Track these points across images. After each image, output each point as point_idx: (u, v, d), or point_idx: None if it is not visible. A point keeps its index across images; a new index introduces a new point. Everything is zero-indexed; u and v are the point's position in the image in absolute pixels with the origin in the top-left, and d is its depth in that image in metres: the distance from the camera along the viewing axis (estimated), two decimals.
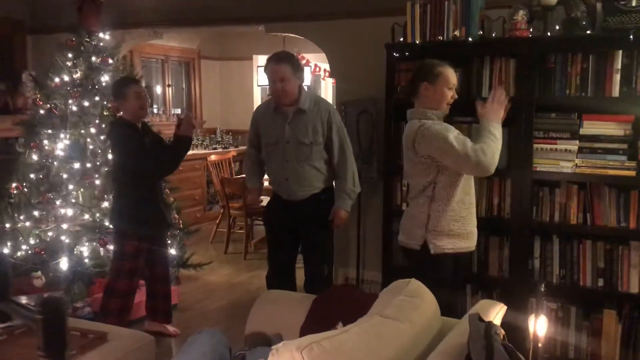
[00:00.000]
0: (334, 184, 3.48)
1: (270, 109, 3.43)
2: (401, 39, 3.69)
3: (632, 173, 3.12)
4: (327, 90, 9.93)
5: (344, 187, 3.40)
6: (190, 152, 7.37)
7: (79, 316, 3.80)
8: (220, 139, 8.11)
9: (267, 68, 3.31)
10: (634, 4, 3.06)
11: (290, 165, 3.37)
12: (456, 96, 2.87)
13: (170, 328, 3.96)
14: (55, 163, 4.33)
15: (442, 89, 2.80)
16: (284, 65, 3.25)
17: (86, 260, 4.21)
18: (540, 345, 1.98)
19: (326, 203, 3.43)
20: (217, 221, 6.51)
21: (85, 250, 4.23)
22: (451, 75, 2.83)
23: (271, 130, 3.41)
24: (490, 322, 1.75)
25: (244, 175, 4.16)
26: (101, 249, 4.22)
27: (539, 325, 2.00)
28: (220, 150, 7.67)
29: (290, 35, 5.06)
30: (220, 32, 7.54)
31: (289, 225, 3.49)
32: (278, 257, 3.59)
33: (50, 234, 4.29)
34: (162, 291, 3.95)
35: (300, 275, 3.59)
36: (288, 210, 3.46)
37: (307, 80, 7.85)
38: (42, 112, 4.39)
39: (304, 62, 8.14)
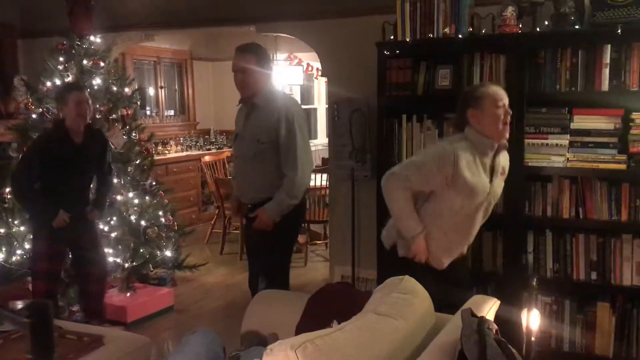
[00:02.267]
0: None
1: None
2: (392, 37, 3.70)
3: (623, 166, 3.15)
4: (320, 90, 9.96)
5: (280, 193, 3.11)
6: (184, 154, 7.44)
7: (75, 320, 3.80)
8: (214, 140, 8.11)
9: (233, 58, 3.21)
10: None
11: (239, 162, 3.28)
12: (510, 112, 2.66)
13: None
14: None
15: (491, 109, 2.62)
16: (247, 55, 3.15)
17: None
18: (533, 339, 1.99)
19: None
20: (212, 222, 6.52)
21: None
22: (497, 93, 2.65)
23: (237, 124, 3.34)
24: (482, 317, 1.77)
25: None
26: None
27: (531, 319, 2.01)
28: (214, 150, 7.68)
29: (282, 35, 5.06)
30: (212, 33, 7.53)
31: (247, 229, 3.42)
32: (249, 261, 3.52)
33: None
34: (94, 291, 3.82)
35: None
36: (247, 213, 3.33)
37: (300, 79, 7.86)
38: (34, 116, 4.38)
39: (296, 61, 8.15)
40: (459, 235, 2.80)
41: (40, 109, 4.36)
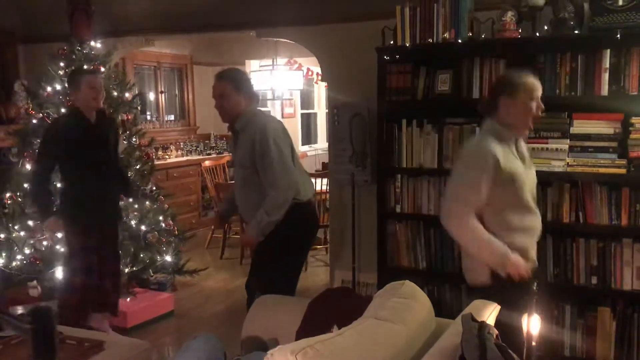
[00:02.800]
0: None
1: None
2: (391, 42, 3.71)
3: (623, 171, 3.15)
4: (320, 94, 9.97)
5: (260, 211, 3.08)
6: (184, 159, 7.45)
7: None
8: (214, 145, 8.12)
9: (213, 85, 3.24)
10: (620, 3, 3.09)
11: (235, 188, 3.33)
12: (542, 106, 2.57)
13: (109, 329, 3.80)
14: None
15: (524, 101, 2.52)
16: (223, 82, 3.17)
17: None
18: (534, 344, 1.99)
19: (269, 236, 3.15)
20: (212, 227, 6.51)
21: None
22: (534, 85, 2.55)
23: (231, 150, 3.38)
24: (483, 322, 1.77)
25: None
26: None
27: (532, 324, 2.01)
28: (214, 155, 7.68)
29: (282, 39, 5.07)
30: (212, 38, 7.56)
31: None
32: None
33: (45, 243, 4.28)
34: (112, 284, 3.85)
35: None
36: None
37: (300, 84, 7.87)
38: (34, 121, 4.39)
39: (296, 66, 8.17)
40: (529, 232, 2.64)
41: (41, 114, 4.37)
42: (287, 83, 7.63)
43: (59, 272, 4.13)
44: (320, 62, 4.66)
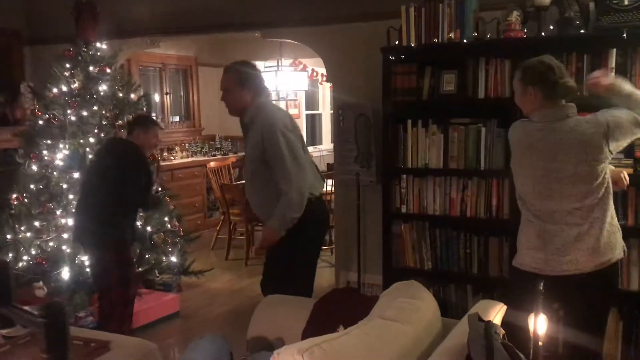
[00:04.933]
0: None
1: None
2: (397, 42, 3.71)
3: (629, 170, 3.13)
4: (325, 95, 9.98)
5: (279, 208, 3.04)
6: (189, 160, 7.46)
7: (81, 325, 3.80)
8: (219, 146, 8.13)
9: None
10: (626, 2, 3.08)
11: (245, 183, 3.34)
12: None
13: None
14: (55, 173, 4.34)
15: None
16: (227, 75, 3.17)
17: (87, 270, 4.21)
18: (540, 344, 1.98)
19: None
20: (218, 228, 6.52)
21: (86, 259, 4.24)
22: None
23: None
24: (489, 322, 1.76)
25: (244, 182, 4.00)
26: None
27: (538, 324, 2.00)
28: (219, 156, 7.69)
29: (287, 40, 5.08)
30: (217, 39, 7.56)
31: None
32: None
33: (51, 244, 4.29)
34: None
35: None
36: None
37: (305, 84, 7.88)
38: (40, 122, 4.41)
39: (301, 67, 8.17)
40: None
41: (47, 115, 4.39)
42: (292, 84, 7.63)
43: (65, 273, 4.14)
44: (325, 62, 4.66)
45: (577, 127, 2.46)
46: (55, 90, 4.42)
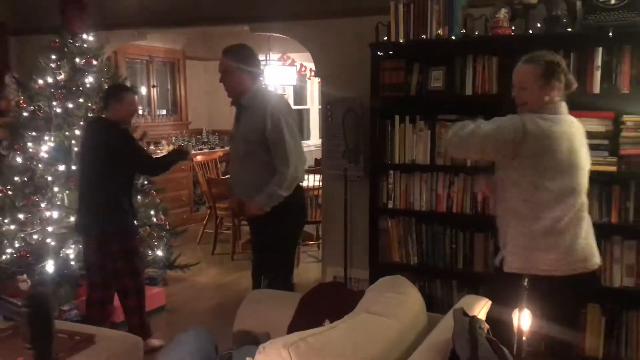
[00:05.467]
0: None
1: None
2: (385, 38, 3.71)
3: (613, 168, 3.17)
4: (313, 90, 9.96)
5: (271, 184, 3.16)
6: None
7: (66, 319, 3.78)
8: (206, 140, 8.09)
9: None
10: (612, 1, 3.11)
11: (233, 162, 3.40)
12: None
13: (155, 341, 3.77)
14: (40, 165, 4.30)
15: None
16: (226, 57, 3.24)
17: (72, 263, 4.18)
18: (524, 338, 2.00)
19: (273, 210, 3.21)
20: (204, 222, 6.50)
21: (71, 252, 4.21)
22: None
23: (233, 124, 3.43)
24: (474, 317, 1.78)
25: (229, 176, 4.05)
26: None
27: (522, 319, 2.02)
28: (206, 150, 7.66)
29: (275, 35, 5.06)
30: (205, 33, 7.53)
31: (251, 227, 3.52)
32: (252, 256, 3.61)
33: (35, 237, 4.25)
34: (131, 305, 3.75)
35: None
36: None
37: (293, 79, 7.86)
38: (25, 114, 4.36)
39: (289, 61, 8.15)
40: None
41: (32, 107, 4.34)
42: (280, 78, 7.61)
43: (49, 266, 4.11)
44: (313, 57, 4.65)
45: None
46: (40, 81, 4.37)
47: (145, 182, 4.61)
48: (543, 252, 2.48)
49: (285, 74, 7.66)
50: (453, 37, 3.51)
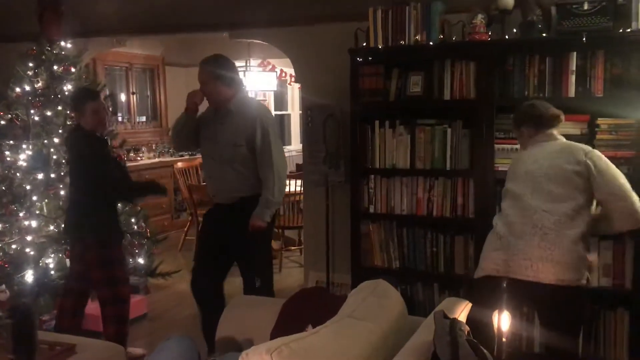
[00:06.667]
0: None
1: None
2: (364, 44, 3.74)
3: None
4: (294, 95, 9.98)
5: (264, 195, 3.33)
6: (156, 160, 7.37)
7: (46, 329, 3.74)
8: None
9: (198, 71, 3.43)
10: (585, 7, 3.17)
11: (214, 164, 3.46)
12: None
13: (137, 350, 3.73)
14: (18, 174, 4.25)
15: None
16: (203, 68, 3.37)
17: (52, 272, 4.14)
18: (504, 340, 2.03)
19: (251, 211, 3.34)
20: (186, 229, 6.47)
21: (50, 262, 4.16)
22: None
23: (207, 126, 3.50)
24: (454, 319, 1.80)
25: None
26: (67, 260, 4.15)
27: (502, 321, 2.05)
28: (187, 157, 7.62)
29: (255, 41, 5.07)
30: (184, 39, 7.50)
31: (215, 230, 3.52)
32: (200, 261, 3.61)
33: (14, 246, 4.20)
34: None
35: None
36: (216, 213, 3.54)
37: (273, 85, 7.87)
38: (3, 122, 4.31)
39: (269, 67, 8.17)
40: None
41: (10, 115, 4.29)
42: (260, 84, 7.63)
43: (29, 276, 4.06)
44: (293, 63, 4.67)
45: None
46: (18, 89, 4.33)
47: None
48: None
49: (266, 80, 7.68)
50: (431, 43, 3.55)
